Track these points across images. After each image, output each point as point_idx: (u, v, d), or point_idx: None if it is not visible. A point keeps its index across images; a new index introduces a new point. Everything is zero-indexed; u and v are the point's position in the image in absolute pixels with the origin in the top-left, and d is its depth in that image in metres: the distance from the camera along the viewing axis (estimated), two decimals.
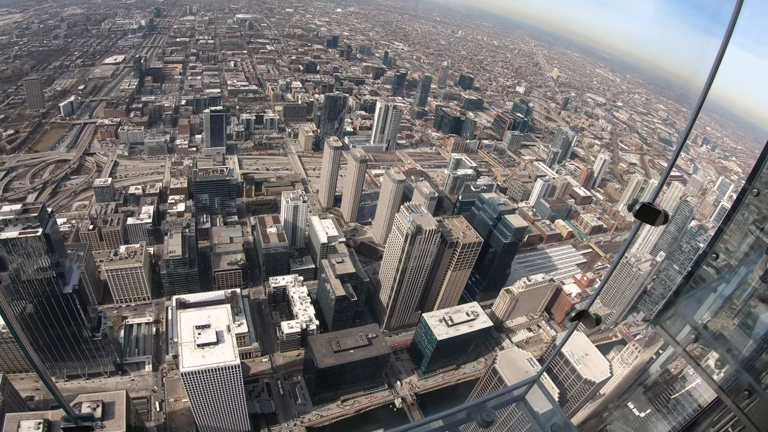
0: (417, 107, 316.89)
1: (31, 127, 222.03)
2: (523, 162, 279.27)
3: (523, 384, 14.31)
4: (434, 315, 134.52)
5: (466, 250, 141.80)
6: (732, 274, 11.31)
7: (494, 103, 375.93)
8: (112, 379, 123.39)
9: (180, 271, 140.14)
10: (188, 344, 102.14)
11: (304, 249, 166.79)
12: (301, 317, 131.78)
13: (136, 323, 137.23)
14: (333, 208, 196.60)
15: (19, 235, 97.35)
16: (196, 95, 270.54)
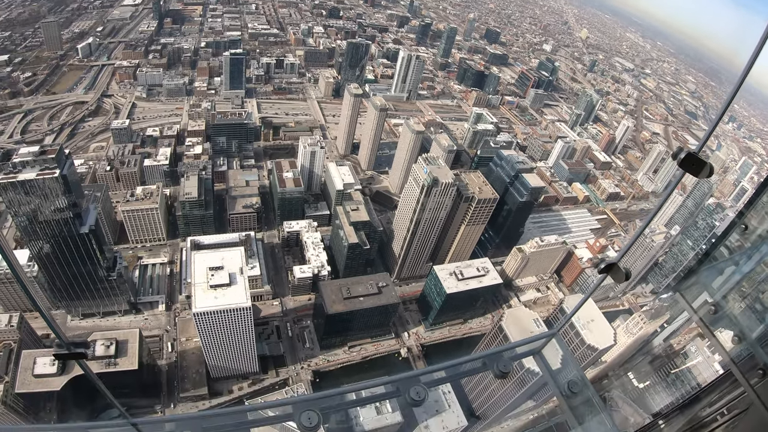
0: (440, 59, 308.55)
1: (49, 70, 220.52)
2: (545, 121, 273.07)
3: (541, 337, 13.93)
4: (445, 268, 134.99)
5: (481, 206, 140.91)
6: (755, 250, 10.87)
7: (519, 59, 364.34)
8: (126, 318, 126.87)
9: (195, 213, 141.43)
10: (201, 285, 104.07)
11: (320, 195, 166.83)
12: (314, 263, 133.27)
13: (150, 263, 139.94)
14: (350, 156, 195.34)
15: (37, 176, 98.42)
16: (216, 38, 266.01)
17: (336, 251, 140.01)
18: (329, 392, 12.88)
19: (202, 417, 12.73)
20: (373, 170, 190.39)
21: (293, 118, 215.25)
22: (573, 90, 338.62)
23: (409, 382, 11.42)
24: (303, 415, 10.29)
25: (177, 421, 11.81)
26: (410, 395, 11.13)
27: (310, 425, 10.16)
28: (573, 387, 12.91)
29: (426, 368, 12.71)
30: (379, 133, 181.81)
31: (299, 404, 10.96)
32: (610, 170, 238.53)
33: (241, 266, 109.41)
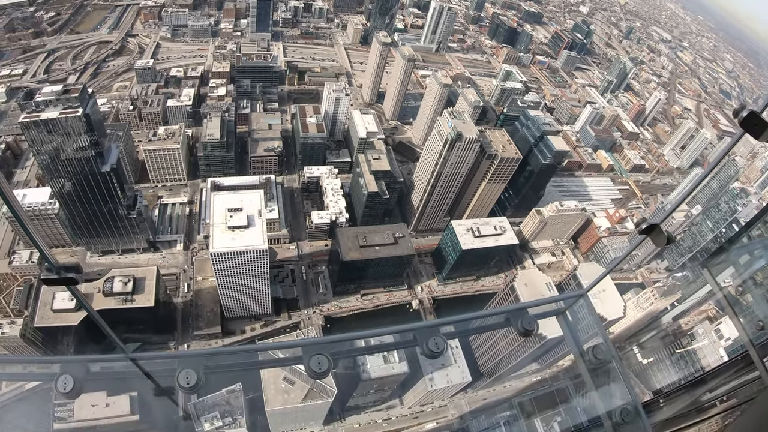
0: (473, 12, 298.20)
1: (73, 9, 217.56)
2: (575, 85, 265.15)
3: (568, 297, 13.21)
4: (462, 224, 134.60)
5: (503, 164, 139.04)
6: None
7: (554, 19, 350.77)
8: (144, 256, 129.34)
9: (217, 155, 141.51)
10: (219, 226, 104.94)
11: (342, 142, 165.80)
12: (332, 209, 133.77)
13: (170, 203, 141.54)
14: (375, 105, 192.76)
15: (60, 115, 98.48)
16: None
17: (355, 199, 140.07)
18: (342, 336, 12.48)
19: (204, 354, 12.01)
20: (397, 120, 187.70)
21: (319, 64, 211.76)
22: (606, 56, 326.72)
23: (428, 332, 10.82)
24: (313, 359, 9.85)
25: (177, 357, 11.26)
26: (428, 346, 10.56)
27: (319, 370, 9.75)
28: (598, 353, 12.46)
29: (446, 319, 11.68)
30: (405, 84, 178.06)
31: (309, 347, 10.43)
32: (637, 141, 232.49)
33: (260, 209, 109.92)
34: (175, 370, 9.99)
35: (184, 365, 10.01)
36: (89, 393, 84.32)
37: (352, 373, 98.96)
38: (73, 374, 10.14)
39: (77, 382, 10.10)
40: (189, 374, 9.91)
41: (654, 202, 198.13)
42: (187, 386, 9.85)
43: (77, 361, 10.78)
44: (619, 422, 11.52)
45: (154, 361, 12.07)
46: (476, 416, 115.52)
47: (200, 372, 9.92)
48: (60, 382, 9.99)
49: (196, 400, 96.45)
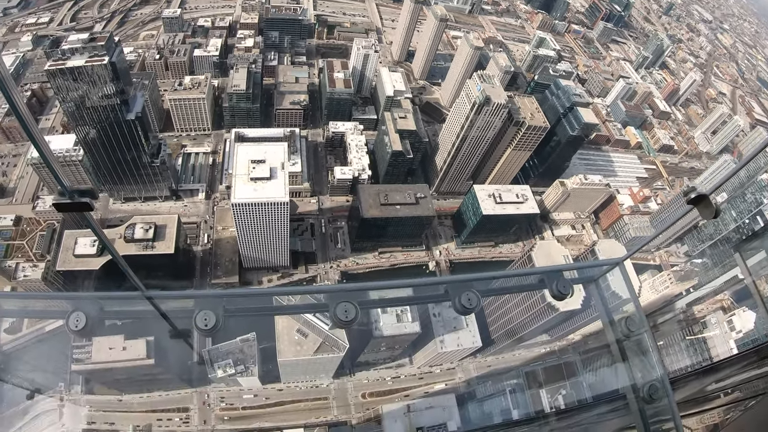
0: None
1: None
2: (609, 58, 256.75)
3: (603, 264, 12.87)
4: (485, 189, 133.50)
5: (530, 132, 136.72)
6: None
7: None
8: (166, 204, 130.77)
9: (242, 106, 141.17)
10: (242, 177, 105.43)
11: (369, 99, 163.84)
12: (355, 165, 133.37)
13: (194, 152, 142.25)
14: (404, 63, 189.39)
15: (86, 63, 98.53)
16: None
17: (378, 157, 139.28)
18: (371, 285, 11.90)
19: (223, 296, 11.81)
20: (425, 81, 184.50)
21: (349, 19, 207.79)
22: (644, 30, 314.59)
23: (461, 286, 10.41)
24: (339, 306, 9.37)
25: (194, 297, 10.93)
26: (461, 301, 10.09)
27: (345, 318, 9.30)
28: (630, 324, 12.09)
29: (481, 274, 10.95)
30: (436, 44, 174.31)
31: (336, 294, 10.00)
32: (668, 121, 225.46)
33: (283, 161, 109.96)
34: (193, 312, 9.80)
35: (202, 306, 9.85)
36: (107, 336, 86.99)
37: (364, 330, 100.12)
38: (86, 312, 9.98)
39: (90, 320, 9.91)
40: (207, 315, 9.68)
41: (680, 184, 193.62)
42: (204, 328, 9.63)
43: (90, 297, 10.49)
44: (645, 398, 11.28)
45: (171, 303, 11.97)
46: (483, 381, 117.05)
47: (219, 314, 9.70)
48: (72, 318, 9.81)
49: (211, 347, 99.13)
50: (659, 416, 11.39)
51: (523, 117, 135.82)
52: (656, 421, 11.34)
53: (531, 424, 31.10)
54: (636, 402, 11.58)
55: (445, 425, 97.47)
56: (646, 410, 11.36)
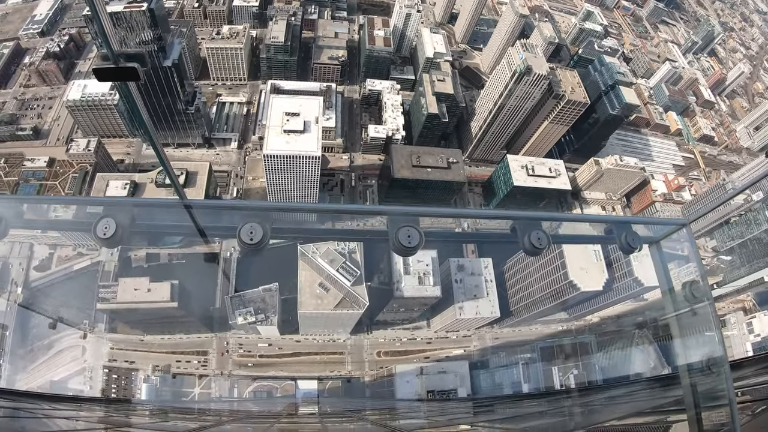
0: None
1: None
2: (657, 38, 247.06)
3: (668, 224, 11.76)
4: (518, 159, 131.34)
5: (569, 107, 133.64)
6: None
7: None
8: (199, 151, 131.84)
9: (279, 58, 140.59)
10: (275, 128, 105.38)
11: (407, 59, 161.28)
12: (390, 124, 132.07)
13: (228, 102, 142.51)
14: (446, 25, 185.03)
15: (124, 8, 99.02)
16: None
17: (414, 118, 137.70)
18: (434, 210, 11.05)
19: (272, 208, 10.94)
20: (467, 45, 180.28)
21: None
22: (695, 14, 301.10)
23: (529, 224, 9.61)
24: (402, 231, 8.71)
25: (239, 208, 10.18)
26: (530, 240, 9.26)
27: (408, 244, 8.68)
28: (696, 290, 11.08)
29: (548, 213, 9.57)
30: (480, 8, 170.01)
31: (398, 218, 9.17)
32: (711, 111, 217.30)
33: (317, 116, 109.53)
34: (234, 229, 9.06)
35: (249, 218, 9.16)
36: (133, 278, 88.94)
37: (385, 289, 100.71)
38: (117, 219, 9.28)
39: (120, 228, 9.18)
40: (254, 229, 8.95)
41: (716, 177, 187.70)
42: (250, 242, 8.92)
43: (124, 203, 9.87)
44: (704, 371, 10.51)
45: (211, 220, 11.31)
46: (497, 352, 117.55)
47: (267, 227, 9.02)
48: (100, 225, 9.03)
49: (233, 293, 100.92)
50: (714, 392, 10.66)
51: (563, 90, 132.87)
52: (711, 396, 10.67)
53: (548, 399, 30.75)
54: (688, 376, 10.90)
55: (455, 391, 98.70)
56: (698, 385, 10.68)
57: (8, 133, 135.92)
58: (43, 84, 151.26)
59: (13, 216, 10.25)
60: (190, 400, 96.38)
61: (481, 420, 21.89)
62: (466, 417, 24.63)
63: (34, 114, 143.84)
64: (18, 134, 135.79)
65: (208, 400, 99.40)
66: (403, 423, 22.22)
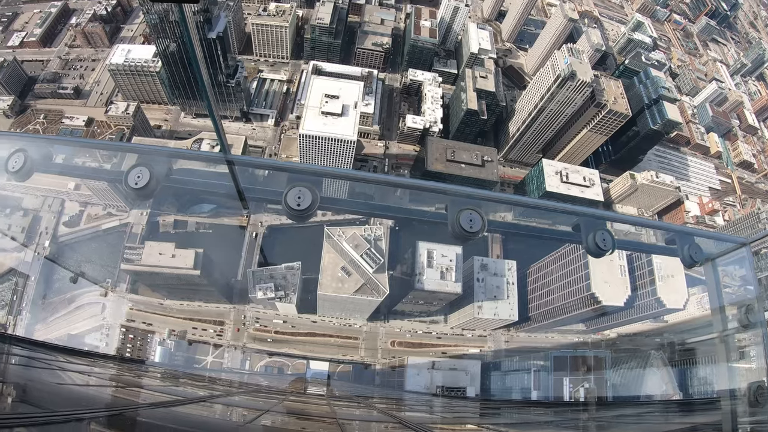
0: None
1: None
2: (706, 56, 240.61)
3: (729, 241, 11.01)
4: (553, 165, 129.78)
5: (610, 117, 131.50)
6: None
7: None
8: (236, 125, 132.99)
9: (323, 39, 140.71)
10: (314, 109, 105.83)
11: (452, 52, 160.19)
12: (428, 116, 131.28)
13: (269, 78, 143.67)
14: (494, 22, 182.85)
15: None
16: None
17: (452, 112, 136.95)
18: (499, 196, 10.58)
19: (322, 173, 10.46)
20: (512, 44, 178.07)
21: None
22: (747, 36, 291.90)
23: (593, 223, 9.23)
24: (463, 214, 8.34)
25: (287, 170, 9.66)
26: (595, 239, 8.84)
27: (470, 229, 8.31)
28: (750, 314, 10.38)
29: (615, 214, 8.76)
30: (529, 8, 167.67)
31: (458, 200, 8.84)
32: (754, 136, 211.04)
33: (356, 100, 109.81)
34: (278, 193, 8.73)
35: (296, 182, 8.70)
36: (159, 242, 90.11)
37: (406, 279, 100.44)
38: (151, 168, 8.93)
39: (153, 179, 8.82)
40: (302, 194, 8.46)
41: (752, 205, 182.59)
42: (297, 208, 8.48)
43: (162, 153, 9.52)
44: (751, 401, 9.84)
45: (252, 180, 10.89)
46: (510, 356, 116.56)
47: (317, 194, 8.58)
48: (133, 174, 8.71)
49: (256, 268, 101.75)
50: (757, 424, 10.10)
51: (606, 100, 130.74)
52: (753, 427, 10.08)
53: (558, 408, 30.35)
54: (730, 402, 10.34)
55: (465, 389, 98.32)
56: (739, 414, 10.05)
57: (50, 91, 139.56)
58: (88, 46, 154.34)
59: (41, 158, 9.85)
60: (201, 367, 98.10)
61: (487, 422, 21.72)
62: (473, 417, 24.52)
63: (76, 74, 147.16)
64: (59, 92, 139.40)
65: (220, 370, 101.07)
66: (410, 415, 22.09)
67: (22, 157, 9.25)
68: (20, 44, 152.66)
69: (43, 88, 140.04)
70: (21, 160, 9.26)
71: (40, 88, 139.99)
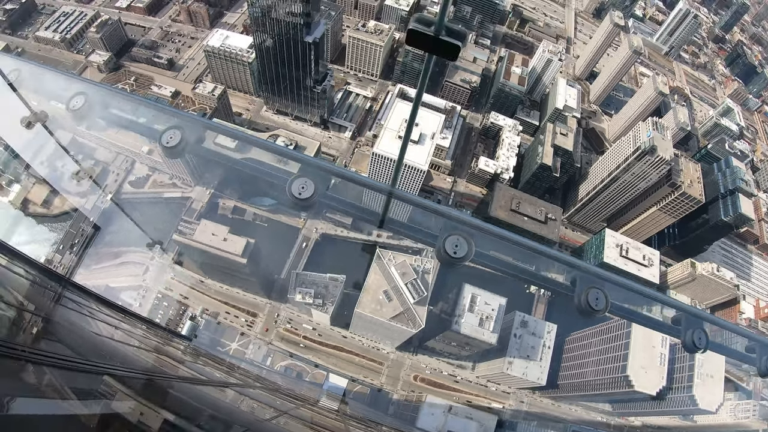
0: (718, 30, 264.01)
1: None
2: None
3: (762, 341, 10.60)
4: (615, 237, 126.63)
5: (682, 199, 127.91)
6: None
7: None
8: (313, 129, 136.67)
9: (415, 66, 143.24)
10: (392, 131, 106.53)
11: (536, 103, 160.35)
12: (501, 162, 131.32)
13: (355, 92, 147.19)
14: (583, 81, 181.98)
15: None
16: None
17: (526, 163, 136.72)
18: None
19: (467, 222, 10.74)
20: (598, 106, 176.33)
21: (544, 18, 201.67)
22: None
23: (695, 322, 9.28)
24: (591, 292, 8.63)
25: (439, 214, 10.53)
26: (693, 337, 8.87)
27: (596, 308, 8.83)
28: None
29: (715, 317, 8.71)
30: (621, 74, 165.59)
31: (587, 278, 8.82)
32: None
33: (435, 132, 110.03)
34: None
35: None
36: (215, 223, 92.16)
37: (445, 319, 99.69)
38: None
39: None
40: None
41: None
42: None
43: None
44: None
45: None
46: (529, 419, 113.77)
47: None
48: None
49: (301, 271, 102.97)
50: None
51: (681, 181, 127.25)
52: None
53: None
54: None
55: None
56: None
57: (145, 57, 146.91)
58: (189, 23, 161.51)
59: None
60: (224, 352, 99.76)
61: None
62: None
63: (173, 47, 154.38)
64: (154, 60, 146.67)
65: (240, 359, 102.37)
66: None
67: (177, 134, 10.24)
68: (127, 7, 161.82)
69: (140, 53, 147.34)
70: (177, 136, 10.24)
71: (137, 52, 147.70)
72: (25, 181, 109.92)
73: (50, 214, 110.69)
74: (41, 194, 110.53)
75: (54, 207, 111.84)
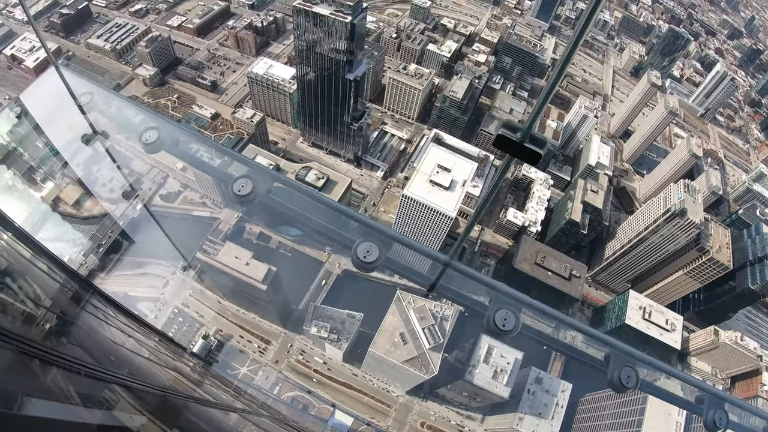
0: (755, 93, 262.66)
1: None
2: None
3: None
4: (639, 299, 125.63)
5: (710, 265, 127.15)
6: None
7: None
8: (346, 165, 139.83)
9: (452, 112, 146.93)
10: (423, 175, 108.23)
11: (569, 158, 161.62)
12: (529, 215, 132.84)
13: (390, 133, 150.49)
14: (617, 139, 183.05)
15: (330, 14, 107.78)
16: None
17: (554, 217, 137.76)
18: (652, 361, 11.32)
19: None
20: (631, 165, 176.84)
21: (583, 74, 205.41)
22: None
23: (716, 402, 9.95)
24: (624, 370, 9.10)
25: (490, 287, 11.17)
26: (714, 417, 9.64)
27: (627, 385, 9.17)
28: None
29: (737, 399, 9.44)
30: (656, 134, 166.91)
31: (621, 357, 9.61)
32: None
33: (466, 179, 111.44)
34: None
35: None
36: (239, 246, 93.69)
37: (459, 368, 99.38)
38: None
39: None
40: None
41: None
42: None
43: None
44: None
45: None
46: None
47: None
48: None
49: (319, 304, 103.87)
50: None
51: (710, 246, 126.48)
52: None
53: None
54: None
55: None
56: None
57: (190, 76, 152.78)
58: (236, 48, 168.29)
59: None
60: (232, 375, 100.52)
61: None
62: None
63: (218, 70, 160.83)
64: (198, 80, 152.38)
65: (248, 384, 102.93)
66: None
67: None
68: (178, 26, 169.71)
69: (185, 72, 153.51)
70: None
71: (182, 71, 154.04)
72: (59, 180, 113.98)
73: (79, 216, 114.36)
74: (74, 195, 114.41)
75: (84, 209, 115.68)
